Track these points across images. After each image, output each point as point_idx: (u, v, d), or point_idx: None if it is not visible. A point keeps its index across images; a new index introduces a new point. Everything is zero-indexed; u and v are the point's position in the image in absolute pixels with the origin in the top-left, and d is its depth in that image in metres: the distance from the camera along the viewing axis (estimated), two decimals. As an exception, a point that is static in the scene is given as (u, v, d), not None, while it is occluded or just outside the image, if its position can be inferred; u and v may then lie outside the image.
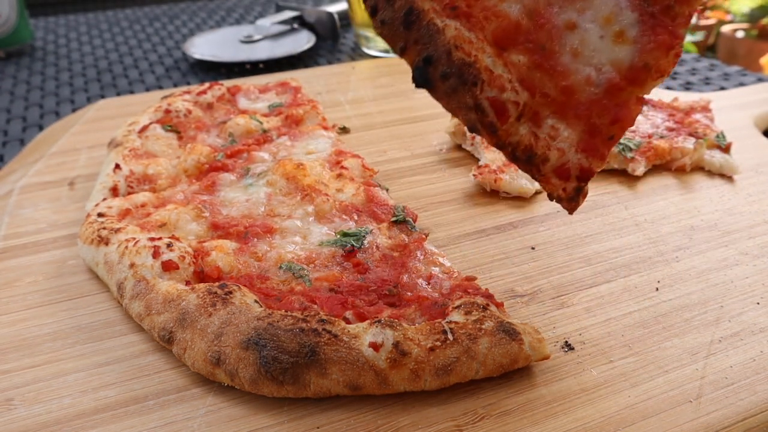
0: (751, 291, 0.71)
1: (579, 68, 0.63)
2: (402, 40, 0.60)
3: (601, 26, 0.64)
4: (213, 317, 0.61)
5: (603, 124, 0.64)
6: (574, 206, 0.65)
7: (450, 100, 0.60)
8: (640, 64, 0.64)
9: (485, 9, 0.62)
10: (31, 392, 0.60)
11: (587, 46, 0.64)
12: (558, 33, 0.63)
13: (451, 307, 0.63)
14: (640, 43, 0.64)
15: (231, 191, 0.86)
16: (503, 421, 0.56)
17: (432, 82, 0.60)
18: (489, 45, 0.62)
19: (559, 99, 0.63)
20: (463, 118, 0.61)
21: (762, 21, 4.08)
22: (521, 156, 0.62)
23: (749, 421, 0.55)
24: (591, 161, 0.64)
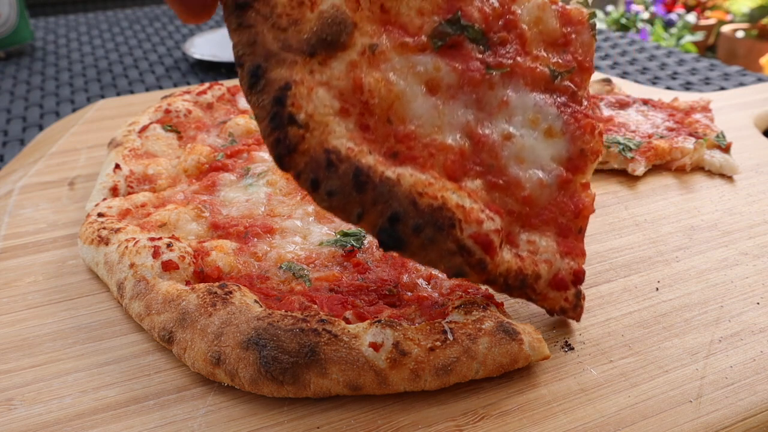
0: (751, 291, 0.71)
1: (529, 174, 0.64)
2: (358, 205, 0.54)
3: (531, 129, 0.66)
4: (213, 317, 0.61)
5: (569, 221, 0.65)
6: (580, 311, 0.65)
7: (428, 253, 0.56)
8: (576, 151, 0.66)
9: (426, 146, 0.60)
10: (31, 392, 0.60)
11: (527, 150, 0.65)
12: (498, 147, 0.63)
13: (451, 307, 0.63)
14: (569, 132, 0.66)
15: (231, 191, 0.86)
16: (503, 421, 0.56)
17: (404, 239, 0.55)
18: (446, 180, 0.59)
19: (524, 211, 0.63)
20: (446, 266, 0.57)
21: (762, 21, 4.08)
22: (514, 283, 0.60)
23: (749, 421, 0.55)
24: (578, 261, 0.65)
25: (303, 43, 0.54)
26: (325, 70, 0.55)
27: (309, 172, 0.53)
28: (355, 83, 0.56)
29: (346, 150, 0.54)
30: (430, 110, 0.61)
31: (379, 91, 0.58)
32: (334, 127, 0.54)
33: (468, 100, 0.63)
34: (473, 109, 0.64)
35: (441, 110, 0.62)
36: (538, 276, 0.61)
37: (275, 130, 0.52)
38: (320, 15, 0.55)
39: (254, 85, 0.53)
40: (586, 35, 0.71)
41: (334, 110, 0.55)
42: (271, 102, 0.52)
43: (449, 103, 0.63)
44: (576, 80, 0.68)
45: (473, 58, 0.64)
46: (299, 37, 0.54)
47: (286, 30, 0.53)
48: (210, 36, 1.80)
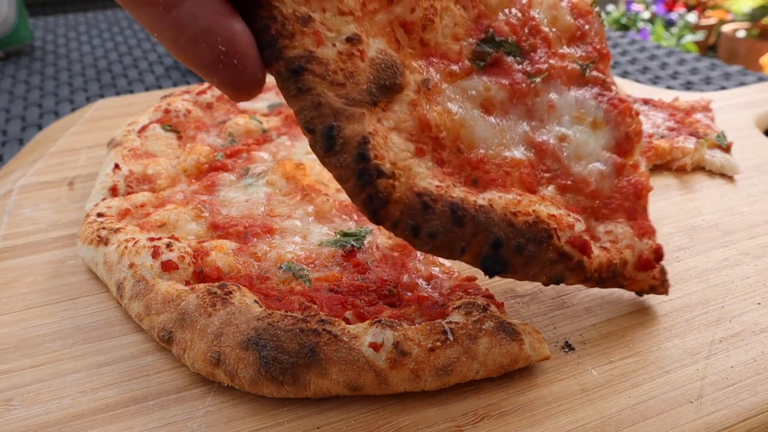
0: (752, 291, 0.71)
1: (590, 169, 0.67)
2: (461, 240, 0.55)
3: (579, 125, 0.68)
4: (213, 317, 0.61)
5: (633, 203, 0.67)
6: (668, 285, 0.68)
7: (530, 269, 0.58)
8: (622, 136, 0.69)
9: (500, 166, 0.61)
10: (30, 393, 0.60)
11: (582, 146, 0.67)
12: (557, 150, 0.66)
13: (451, 307, 0.63)
14: (611, 120, 0.69)
15: (231, 191, 0.86)
16: (503, 422, 0.55)
17: (508, 261, 0.56)
18: (528, 194, 0.61)
19: (595, 205, 0.66)
20: (546, 276, 0.59)
21: (763, 20, 4.08)
22: (607, 275, 0.62)
23: (750, 422, 0.55)
24: (653, 238, 0.67)
25: (364, 94, 0.54)
26: (390, 116, 0.55)
27: (407, 219, 0.53)
28: (422, 121, 0.57)
29: (436, 189, 0.55)
30: (492, 130, 0.63)
31: (445, 124, 0.59)
32: (417, 169, 0.55)
33: (520, 112, 0.65)
34: (527, 120, 0.66)
35: (501, 128, 0.63)
36: (625, 262, 0.64)
37: (366, 186, 0.52)
38: (372, 62, 0.55)
39: (331, 147, 0.52)
40: (597, 23, 0.73)
41: (411, 152, 0.55)
42: (355, 159, 0.51)
43: (505, 119, 0.64)
44: (600, 68, 0.70)
45: (515, 70, 0.65)
46: (359, 89, 0.53)
47: (345, 85, 0.53)
48: (210, 35, 1.80)
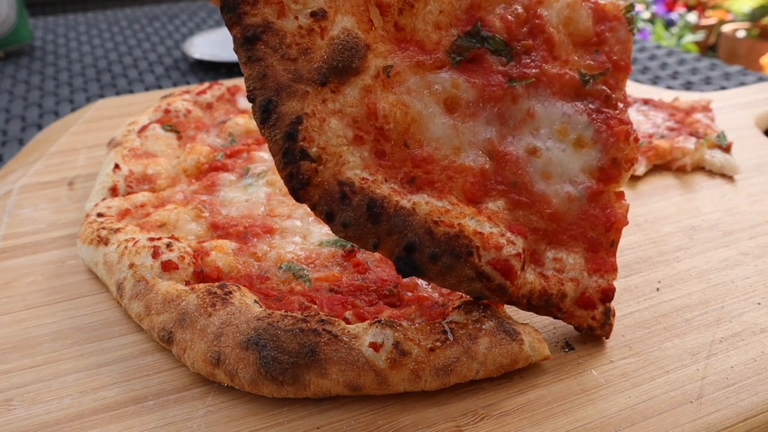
0: (752, 291, 0.71)
1: (556, 189, 0.62)
2: (373, 236, 0.55)
3: (559, 140, 0.63)
4: (213, 317, 0.61)
5: (600, 235, 0.62)
6: (610, 329, 0.63)
7: (446, 278, 0.56)
8: (609, 161, 0.63)
9: (445, 169, 0.59)
10: (30, 393, 0.60)
11: (554, 164, 0.62)
12: (523, 163, 0.62)
13: (451, 307, 0.63)
14: (601, 141, 0.63)
15: (231, 191, 0.86)
16: (503, 422, 0.55)
17: (421, 267, 0.55)
18: (465, 206, 0.58)
19: (551, 228, 0.61)
20: (466, 289, 0.57)
21: (763, 20, 4.08)
22: (538, 303, 0.60)
23: (750, 422, 0.55)
24: (607, 277, 0.62)
25: (314, 72, 0.54)
26: (337, 98, 0.55)
27: (323, 204, 0.54)
28: (369, 109, 0.56)
29: (359, 181, 0.54)
30: (448, 131, 0.60)
31: (395, 116, 0.57)
32: (347, 157, 0.54)
33: (490, 116, 0.62)
34: (496, 125, 0.62)
35: (460, 129, 0.61)
36: (563, 295, 0.60)
37: (288, 165, 0.53)
38: (330, 41, 0.54)
39: (266, 120, 0.53)
40: (623, 31, 0.65)
41: (348, 140, 0.55)
42: (283, 137, 0.52)
43: (469, 121, 0.61)
44: (611, 82, 0.65)
45: (494, 71, 0.62)
46: (310, 67, 0.53)
47: (296, 60, 0.53)
48: (210, 36, 1.80)
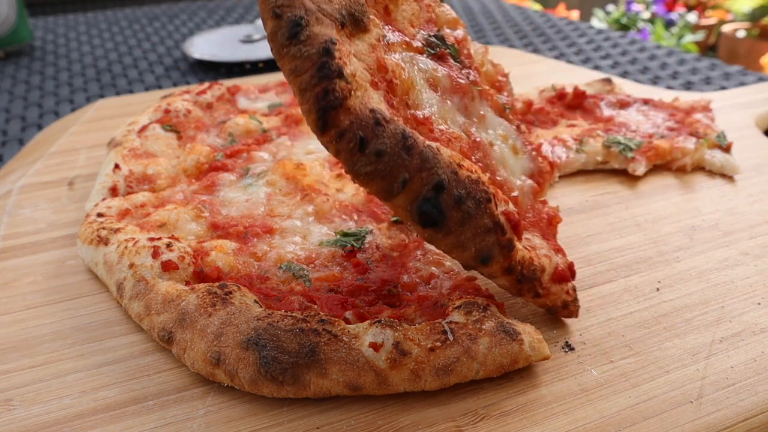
0: (752, 291, 0.71)
1: (512, 180, 0.68)
2: (405, 170, 0.51)
3: (503, 143, 0.71)
4: (213, 317, 0.61)
5: (545, 227, 0.69)
6: (578, 305, 0.66)
7: (464, 230, 0.54)
8: (536, 169, 0.72)
9: (442, 132, 0.61)
10: (30, 393, 0.60)
11: (506, 160, 0.70)
12: (487, 149, 0.67)
13: (451, 307, 0.63)
14: (527, 152, 0.73)
15: (231, 191, 0.86)
16: (503, 422, 0.55)
17: (444, 212, 0.52)
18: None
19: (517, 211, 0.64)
20: (477, 247, 0.55)
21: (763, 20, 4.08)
22: (528, 273, 0.60)
23: (750, 422, 0.55)
24: (564, 258, 0.68)
25: (335, 12, 0.54)
26: (353, 43, 0.56)
27: (356, 129, 0.49)
28: (380, 62, 0.57)
29: (389, 113, 0.52)
30: (438, 103, 0.63)
31: (400, 74, 0.59)
32: (371, 93, 0.53)
33: (459, 106, 0.67)
34: (464, 114, 0.67)
35: (446, 105, 0.65)
36: (543, 268, 0.62)
37: (323, 80, 0.49)
38: None
39: (296, 35, 0.49)
40: (510, 87, 0.80)
41: (367, 80, 0.54)
42: (319, 52, 0.49)
43: (448, 102, 0.66)
44: (517, 115, 0.77)
45: (457, 70, 0.69)
46: (332, 6, 0.54)
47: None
48: (210, 36, 1.80)
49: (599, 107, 1.11)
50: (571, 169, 0.97)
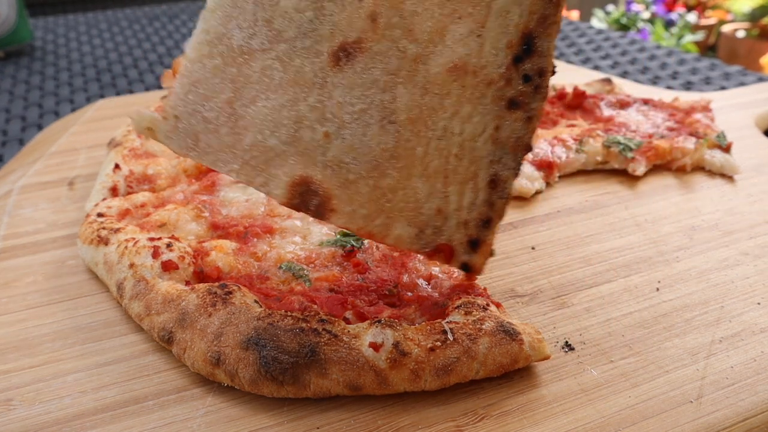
0: (752, 291, 0.71)
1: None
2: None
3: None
4: (213, 317, 0.61)
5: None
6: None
7: (539, 99, 0.56)
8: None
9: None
10: (30, 392, 0.60)
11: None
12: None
13: (451, 307, 0.63)
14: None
15: (231, 191, 0.86)
16: (503, 422, 0.55)
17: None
18: None
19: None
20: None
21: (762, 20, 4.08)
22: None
23: (750, 422, 0.55)
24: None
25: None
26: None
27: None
28: None
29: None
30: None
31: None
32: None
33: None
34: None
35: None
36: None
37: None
38: None
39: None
40: None
41: None
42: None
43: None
44: None
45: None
46: None
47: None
48: (210, 36, 1.80)
49: (599, 107, 1.11)
50: (571, 169, 0.97)
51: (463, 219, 0.58)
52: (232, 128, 0.58)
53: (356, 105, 0.56)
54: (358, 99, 0.56)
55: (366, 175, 0.57)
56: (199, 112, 0.58)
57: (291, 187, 0.58)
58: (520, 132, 0.56)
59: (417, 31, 0.56)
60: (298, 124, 0.56)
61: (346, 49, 0.56)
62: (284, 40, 0.57)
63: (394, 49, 0.56)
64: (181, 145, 0.59)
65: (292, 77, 0.57)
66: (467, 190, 0.58)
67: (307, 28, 0.57)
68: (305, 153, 0.57)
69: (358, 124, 0.56)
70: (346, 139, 0.56)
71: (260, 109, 0.57)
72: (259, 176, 0.58)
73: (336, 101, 0.56)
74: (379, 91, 0.56)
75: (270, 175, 0.58)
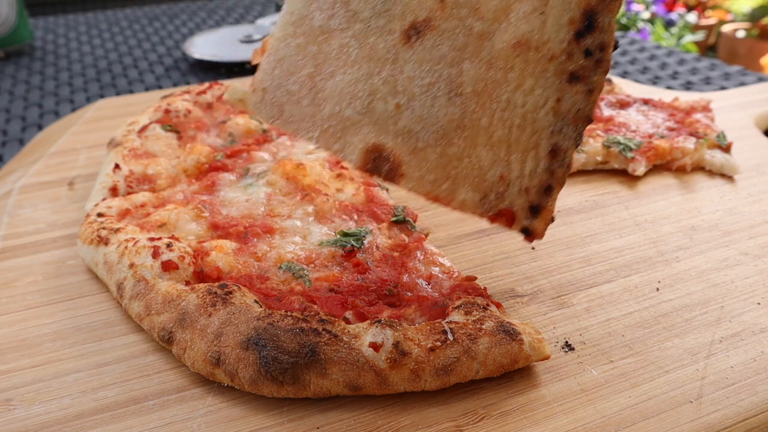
0: (752, 291, 0.71)
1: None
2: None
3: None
4: (213, 317, 0.61)
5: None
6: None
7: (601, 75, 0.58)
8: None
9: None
10: (30, 392, 0.60)
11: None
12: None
13: (451, 307, 0.63)
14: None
15: (231, 191, 0.86)
16: (503, 422, 0.55)
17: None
18: None
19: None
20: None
21: (762, 20, 4.08)
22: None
23: (750, 422, 0.55)
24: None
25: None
26: None
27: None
28: None
29: None
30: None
31: None
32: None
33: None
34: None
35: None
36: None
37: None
38: None
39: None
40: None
41: None
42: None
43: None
44: None
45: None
46: None
47: None
48: (210, 36, 1.80)
49: (599, 107, 1.11)
50: (571, 169, 0.97)
51: (524, 186, 0.61)
52: (312, 100, 0.64)
53: (425, 79, 0.61)
54: (427, 73, 0.61)
55: (434, 143, 0.61)
56: (284, 85, 0.65)
57: (365, 153, 0.63)
58: (581, 104, 0.58)
59: (483, 10, 0.60)
60: (371, 96, 0.62)
61: (417, 27, 0.61)
62: (360, 20, 0.63)
63: (461, 26, 0.60)
64: (268, 115, 0.66)
65: (367, 54, 0.62)
66: (529, 158, 0.61)
67: (380, 9, 0.62)
68: (378, 123, 0.62)
69: (426, 97, 0.61)
70: (415, 110, 0.61)
71: (338, 82, 0.63)
72: (337, 143, 0.63)
73: (406, 75, 0.61)
74: (447, 66, 0.60)
75: (346, 142, 0.63)
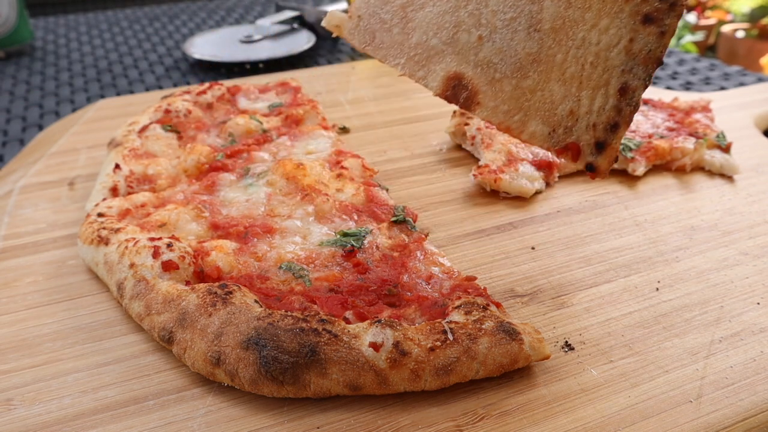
0: (752, 291, 0.71)
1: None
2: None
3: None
4: (213, 317, 0.61)
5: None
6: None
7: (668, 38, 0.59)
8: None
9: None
10: (30, 392, 0.60)
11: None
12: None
13: (451, 307, 0.63)
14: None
15: (231, 191, 0.86)
16: (503, 422, 0.55)
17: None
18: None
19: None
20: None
21: (762, 21, 4.08)
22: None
23: (749, 422, 0.55)
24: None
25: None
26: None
27: None
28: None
29: None
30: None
31: None
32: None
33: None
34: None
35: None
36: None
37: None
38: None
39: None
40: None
41: None
42: None
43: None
44: None
45: None
46: None
47: None
48: (210, 36, 1.80)
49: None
50: (571, 169, 0.97)
51: (592, 122, 0.63)
52: (402, 29, 0.70)
53: (507, 13, 0.65)
54: (510, 8, 0.65)
55: (510, 75, 0.65)
56: (378, 14, 0.71)
57: (446, 81, 0.67)
58: (653, 45, 0.60)
59: None
60: (456, 27, 0.66)
61: None
62: None
63: None
64: (361, 41, 0.72)
65: None
66: (598, 95, 0.63)
67: None
68: (460, 53, 0.66)
69: (507, 30, 0.65)
70: (495, 42, 0.65)
71: (427, 14, 0.68)
72: (420, 70, 0.68)
73: (491, 9, 0.65)
74: (529, 3, 0.64)
75: (429, 69, 0.68)
